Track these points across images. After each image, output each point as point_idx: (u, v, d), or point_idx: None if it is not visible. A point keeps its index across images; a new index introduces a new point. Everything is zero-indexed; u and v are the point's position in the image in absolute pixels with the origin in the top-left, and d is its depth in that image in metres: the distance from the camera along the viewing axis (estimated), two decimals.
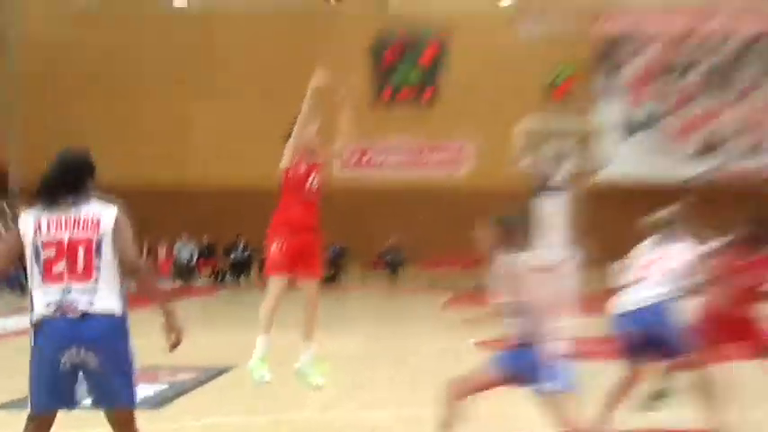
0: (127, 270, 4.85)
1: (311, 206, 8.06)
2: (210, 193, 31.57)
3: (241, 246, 31.50)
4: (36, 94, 32.72)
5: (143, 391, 7.63)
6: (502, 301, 6.35)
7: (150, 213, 24.26)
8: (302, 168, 8.00)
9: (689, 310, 7.07)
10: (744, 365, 7.71)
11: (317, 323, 8.13)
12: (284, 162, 8.00)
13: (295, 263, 7.90)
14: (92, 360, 4.69)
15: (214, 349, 13.44)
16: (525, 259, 6.36)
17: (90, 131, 26.99)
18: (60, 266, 4.76)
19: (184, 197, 31.13)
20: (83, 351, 4.67)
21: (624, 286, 7.04)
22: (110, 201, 4.97)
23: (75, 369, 4.72)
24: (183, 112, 34.14)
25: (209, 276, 31.71)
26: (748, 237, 7.38)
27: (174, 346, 4.93)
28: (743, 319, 7.30)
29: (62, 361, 4.69)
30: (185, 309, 22.58)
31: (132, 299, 4.98)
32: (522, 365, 6.27)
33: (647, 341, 6.75)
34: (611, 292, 7.38)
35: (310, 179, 8.01)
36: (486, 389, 6.48)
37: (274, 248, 7.93)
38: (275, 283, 7.94)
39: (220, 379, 10.59)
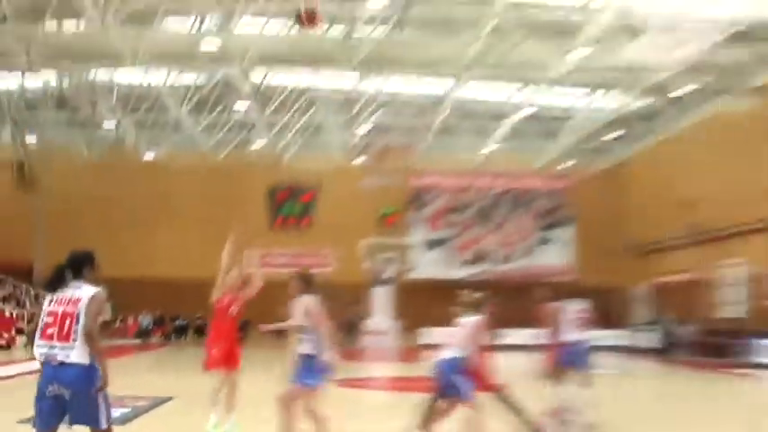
0: (84, 334, 4.55)
1: (233, 324, 8.10)
2: (162, 283, 30.68)
3: (181, 317, 31.09)
4: (54, 216, 31.73)
5: (114, 412, 7.37)
6: (296, 324, 6.49)
7: (124, 296, 23.51)
8: (225, 301, 8.05)
9: (467, 363, 6.93)
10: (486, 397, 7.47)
11: (236, 398, 7.98)
12: (213, 296, 8.05)
13: (225, 360, 7.87)
14: (66, 394, 4.48)
15: (162, 385, 12.97)
16: (315, 301, 6.57)
17: (90, 241, 26.00)
18: (52, 330, 4.56)
19: (145, 285, 30.20)
20: (60, 387, 4.47)
21: (439, 346, 6.95)
22: (98, 285, 4.73)
23: (56, 400, 4.50)
24: (148, 230, 33.82)
25: (161, 337, 30.68)
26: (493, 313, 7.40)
27: (101, 390, 4.58)
28: (482, 365, 7.00)
29: (47, 393, 4.49)
30: (145, 358, 21.86)
31: (113, 352, 4.82)
32: (301, 370, 6.32)
33: (443, 386, 6.61)
34: (418, 349, 7.42)
35: (231, 309, 8.05)
36: (299, 396, 6.34)
37: (213, 352, 7.91)
38: (217, 376, 7.89)
39: (166, 405, 10.25)
